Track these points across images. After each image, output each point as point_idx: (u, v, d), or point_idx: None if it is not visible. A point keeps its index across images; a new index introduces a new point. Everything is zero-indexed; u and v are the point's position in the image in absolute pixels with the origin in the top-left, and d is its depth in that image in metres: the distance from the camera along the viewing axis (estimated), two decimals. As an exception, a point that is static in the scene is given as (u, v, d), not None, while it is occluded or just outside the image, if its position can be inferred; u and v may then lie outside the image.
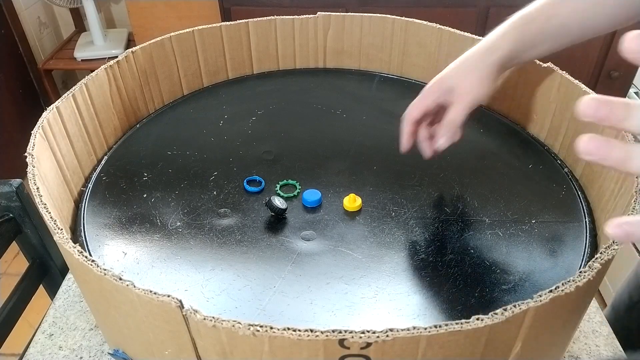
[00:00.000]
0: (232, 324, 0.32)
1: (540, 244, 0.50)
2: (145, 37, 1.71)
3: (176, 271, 0.47)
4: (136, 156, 0.63)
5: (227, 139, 0.66)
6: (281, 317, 0.43)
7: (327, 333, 0.31)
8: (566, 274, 0.47)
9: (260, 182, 0.58)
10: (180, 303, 0.33)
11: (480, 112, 0.72)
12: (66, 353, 0.52)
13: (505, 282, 0.46)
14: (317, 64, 0.83)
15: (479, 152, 0.64)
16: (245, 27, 0.77)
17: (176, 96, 0.76)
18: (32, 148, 0.48)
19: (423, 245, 0.50)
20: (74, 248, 0.38)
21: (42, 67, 1.95)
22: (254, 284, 0.46)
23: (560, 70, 0.62)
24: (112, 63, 0.64)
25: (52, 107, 0.54)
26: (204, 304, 0.44)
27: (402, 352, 0.32)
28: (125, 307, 0.38)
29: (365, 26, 0.79)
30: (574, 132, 0.61)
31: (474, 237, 0.51)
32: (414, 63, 0.79)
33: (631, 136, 0.50)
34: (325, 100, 0.75)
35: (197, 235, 0.51)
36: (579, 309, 0.43)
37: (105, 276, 0.36)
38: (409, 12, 1.12)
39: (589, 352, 0.52)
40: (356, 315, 0.43)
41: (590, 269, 0.36)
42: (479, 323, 0.32)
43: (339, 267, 0.47)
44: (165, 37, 0.71)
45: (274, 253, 0.49)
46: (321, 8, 0.82)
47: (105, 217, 0.54)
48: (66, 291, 0.59)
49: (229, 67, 0.79)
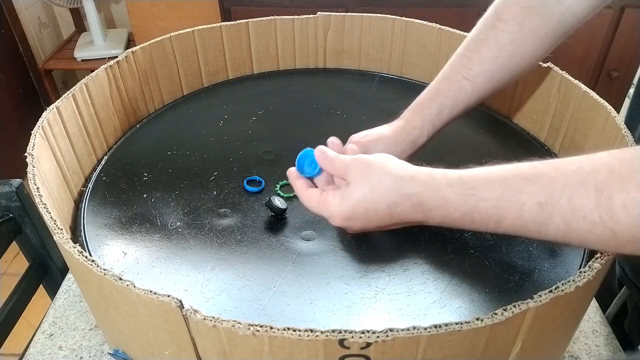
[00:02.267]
0: (232, 324, 0.32)
1: (540, 244, 0.50)
2: (145, 37, 1.71)
3: (176, 271, 0.47)
4: (136, 156, 0.63)
5: (227, 139, 0.66)
6: (281, 317, 0.43)
7: (327, 333, 0.31)
8: (566, 274, 0.47)
9: (260, 182, 0.58)
10: (180, 303, 0.33)
11: (481, 113, 0.72)
12: (66, 353, 0.52)
13: (505, 282, 0.46)
14: (317, 64, 0.83)
15: (479, 153, 0.64)
16: (245, 27, 0.77)
17: (176, 96, 0.76)
18: (32, 148, 0.48)
19: (423, 245, 0.50)
20: (74, 248, 0.38)
21: (42, 67, 1.95)
22: (254, 284, 0.46)
23: (560, 70, 0.62)
24: (112, 63, 0.64)
25: (52, 107, 0.54)
26: (204, 304, 0.44)
27: (402, 352, 0.32)
28: (125, 307, 0.38)
29: (365, 26, 0.79)
30: (574, 132, 0.61)
31: (474, 237, 0.51)
32: (414, 63, 0.79)
33: (632, 139, 0.50)
34: (325, 100, 0.75)
35: (197, 235, 0.51)
36: (579, 309, 0.43)
37: (105, 276, 0.36)
38: (409, 12, 1.12)
39: (589, 352, 0.52)
40: (356, 315, 0.43)
41: (590, 269, 0.36)
42: (479, 323, 0.32)
43: (339, 267, 0.47)
44: (165, 37, 0.71)
45: (274, 253, 0.49)
46: (321, 8, 0.82)
47: (105, 217, 0.54)
48: (66, 291, 0.59)
49: (229, 67, 0.79)
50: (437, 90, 0.55)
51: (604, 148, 0.54)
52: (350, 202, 0.43)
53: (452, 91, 0.54)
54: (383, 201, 0.42)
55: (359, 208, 0.43)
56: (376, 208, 0.42)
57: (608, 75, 1.64)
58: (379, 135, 0.54)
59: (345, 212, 0.44)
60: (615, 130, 0.52)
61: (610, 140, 0.53)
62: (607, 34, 1.56)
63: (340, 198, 0.44)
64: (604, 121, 0.55)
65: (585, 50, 1.60)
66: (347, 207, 0.43)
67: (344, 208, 0.43)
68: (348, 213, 0.43)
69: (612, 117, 0.53)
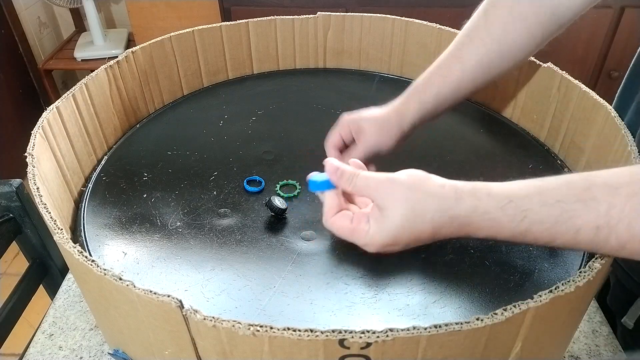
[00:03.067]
0: (232, 324, 0.32)
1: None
2: (145, 37, 1.71)
3: (176, 271, 0.47)
4: (136, 156, 0.63)
5: (227, 139, 0.66)
6: (281, 317, 0.43)
7: (327, 333, 0.31)
8: (566, 274, 0.47)
9: (260, 182, 0.58)
10: (180, 303, 0.33)
11: (481, 113, 0.72)
12: (66, 353, 0.52)
13: (505, 282, 0.46)
14: (317, 64, 0.83)
15: (479, 153, 0.64)
16: (245, 27, 0.77)
17: (176, 96, 0.76)
18: (32, 148, 0.48)
19: (423, 245, 0.50)
20: (74, 248, 0.38)
21: (42, 67, 1.95)
22: (254, 284, 0.46)
23: (560, 70, 0.62)
24: (112, 63, 0.64)
25: (52, 107, 0.54)
26: (204, 304, 0.44)
27: (402, 352, 0.32)
28: (125, 307, 0.38)
29: (365, 26, 0.79)
30: (574, 132, 0.61)
31: (474, 237, 0.50)
32: (414, 63, 0.79)
33: (632, 139, 0.50)
34: (325, 100, 0.75)
35: (197, 235, 0.51)
36: (579, 309, 0.43)
37: (105, 276, 0.36)
38: (409, 12, 1.12)
39: (589, 352, 0.52)
40: (356, 315, 0.43)
41: (590, 269, 0.36)
42: (479, 323, 0.32)
43: (339, 267, 0.47)
44: (165, 37, 0.71)
45: (274, 253, 0.49)
46: (321, 8, 0.82)
47: (105, 217, 0.54)
48: (66, 291, 0.59)
49: (229, 67, 0.79)
50: (430, 77, 0.56)
51: (604, 148, 0.55)
52: (390, 228, 0.40)
53: (442, 77, 0.55)
54: (428, 224, 0.39)
55: (401, 235, 0.40)
56: (420, 231, 0.39)
57: (608, 75, 1.64)
58: (373, 115, 0.54)
59: (385, 240, 0.40)
60: (615, 130, 0.52)
61: (610, 140, 0.53)
62: (607, 34, 1.57)
63: (376, 225, 0.40)
64: (604, 121, 0.55)
65: (585, 50, 1.60)
66: (388, 235, 0.40)
67: (384, 236, 0.40)
68: (389, 240, 0.40)
69: (612, 117, 0.53)
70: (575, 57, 1.62)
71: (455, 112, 0.72)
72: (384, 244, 0.41)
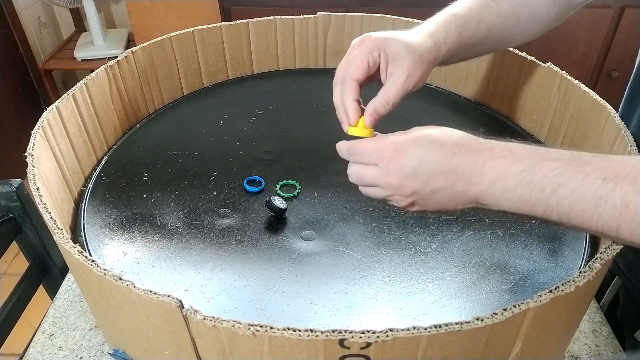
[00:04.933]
0: (232, 324, 0.32)
1: (540, 244, 0.50)
2: (145, 37, 1.71)
3: (176, 271, 0.47)
4: (136, 156, 0.63)
5: (227, 139, 0.66)
6: (281, 317, 0.43)
7: (327, 333, 0.31)
8: (566, 274, 0.47)
9: (260, 182, 0.58)
10: (180, 303, 0.33)
11: (481, 113, 0.72)
12: (66, 353, 0.52)
13: (505, 282, 0.46)
14: (317, 64, 0.83)
15: (479, 152, 0.64)
16: (245, 27, 0.77)
17: (176, 96, 0.76)
18: (32, 148, 0.48)
19: (423, 245, 0.50)
20: (74, 248, 0.38)
21: (42, 67, 1.95)
22: (254, 284, 0.46)
23: (560, 70, 0.62)
24: (112, 63, 0.64)
25: (52, 107, 0.54)
26: (204, 304, 0.44)
27: (402, 352, 0.32)
28: (125, 307, 0.38)
29: (365, 26, 0.79)
30: (574, 132, 0.61)
31: (474, 237, 0.51)
32: (414, 63, 0.78)
33: (632, 139, 0.50)
34: (325, 100, 0.74)
35: (197, 235, 0.51)
36: (579, 309, 0.43)
37: (105, 276, 0.36)
38: (409, 12, 1.12)
39: (589, 352, 0.52)
40: (356, 315, 0.43)
41: (590, 269, 0.36)
42: (479, 323, 0.32)
43: (339, 267, 0.47)
44: (165, 37, 0.71)
45: (274, 253, 0.49)
46: (321, 8, 0.82)
47: (105, 217, 0.54)
48: (66, 291, 0.59)
49: (229, 67, 0.79)
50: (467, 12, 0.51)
51: (604, 148, 0.55)
52: (414, 135, 0.40)
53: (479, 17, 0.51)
54: (456, 139, 0.40)
55: (424, 141, 0.39)
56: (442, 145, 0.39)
57: (608, 75, 1.64)
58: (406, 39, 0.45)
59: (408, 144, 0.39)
60: (615, 130, 0.52)
61: (610, 140, 0.53)
62: (607, 34, 1.56)
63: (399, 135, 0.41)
64: (604, 121, 0.55)
65: (585, 50, 1.60)
66: (410, 138, 0.40)
67: (405, 138, 0.40)
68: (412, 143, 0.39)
69: (612, 117, 0.53)
70: (575, 57, 1.62)
71: (455, 112, 0.72)
72: (406, 150, 0.39)
